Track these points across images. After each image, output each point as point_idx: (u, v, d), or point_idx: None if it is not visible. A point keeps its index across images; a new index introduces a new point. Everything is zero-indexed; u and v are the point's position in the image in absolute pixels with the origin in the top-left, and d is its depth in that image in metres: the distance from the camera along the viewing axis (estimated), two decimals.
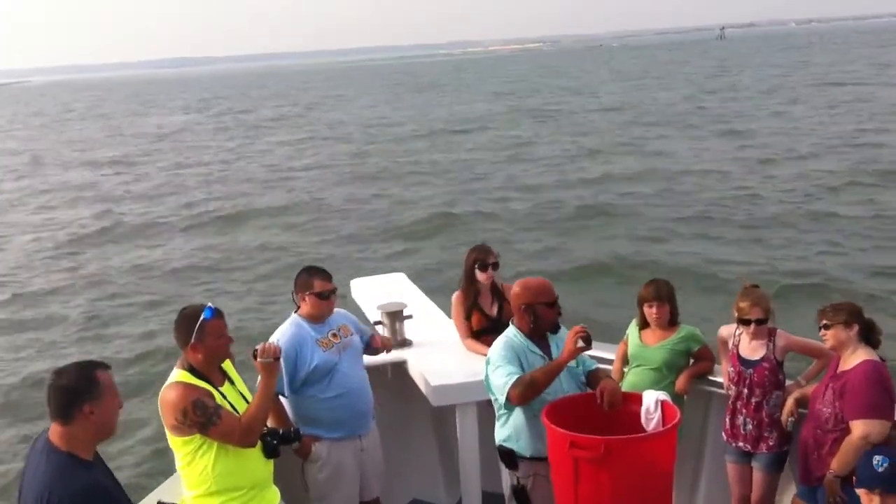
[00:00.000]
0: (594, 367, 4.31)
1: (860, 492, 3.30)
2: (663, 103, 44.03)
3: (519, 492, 4.16)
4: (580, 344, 3.97)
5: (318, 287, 4.47)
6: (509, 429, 4.15)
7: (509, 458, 4.16)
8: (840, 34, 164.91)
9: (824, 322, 4.14)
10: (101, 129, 53.56)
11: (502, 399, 4.06)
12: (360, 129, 42.58)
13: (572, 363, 4.12)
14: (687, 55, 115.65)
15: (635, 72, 79.91)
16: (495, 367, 4.09)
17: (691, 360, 4.89)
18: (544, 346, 4.18)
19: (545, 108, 46.44)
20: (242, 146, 38.23)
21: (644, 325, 4.92)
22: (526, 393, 3.99)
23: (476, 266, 5.21)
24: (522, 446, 4.12)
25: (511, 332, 4.21)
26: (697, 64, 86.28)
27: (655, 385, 4.52)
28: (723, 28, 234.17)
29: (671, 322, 4.87)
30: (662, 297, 4.80)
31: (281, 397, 4.44)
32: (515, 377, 4.01)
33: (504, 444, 4.19)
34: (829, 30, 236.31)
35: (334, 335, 4.53)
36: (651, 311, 4.82)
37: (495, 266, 5.21)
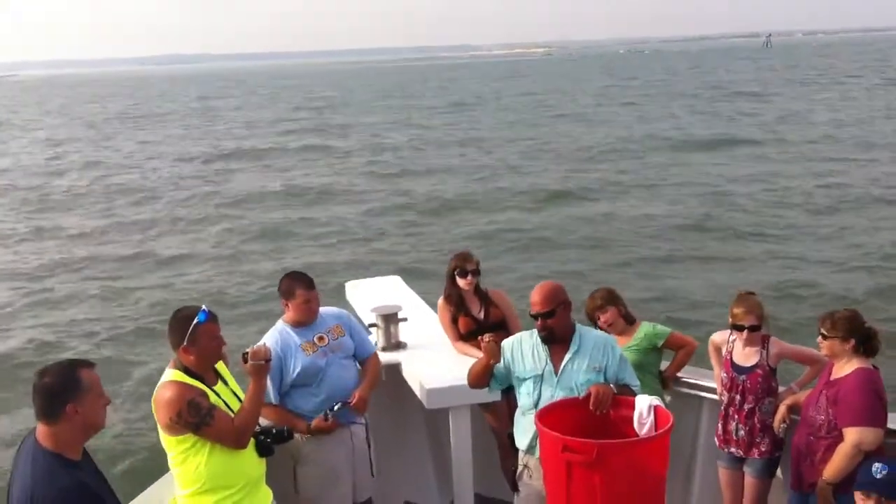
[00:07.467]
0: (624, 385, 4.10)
1: (857, 495, 3.33)
2: None
3: (510, 475, 4.30)
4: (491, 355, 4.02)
5: (300, 297, 4.45)
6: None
7: (511, 441, 4.31)
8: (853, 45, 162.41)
9: (822, 332, 4.13)
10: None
11: None
12: None
13: (578, 382, 4.00)
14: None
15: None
16: None
17: (662, 354, 4.92)
18: (555, 351, 4.06)
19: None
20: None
21: None
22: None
23: (456, 272, 5.27)
24: (515, 433, 4.25)
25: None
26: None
27: None
28: (769, 35, 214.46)
29: (627, 322, 4.90)
30: (605, 303, 4.87)
31: None
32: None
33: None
34: (836, 41, 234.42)
35: (320, 338, 4.51)
36: (602, 322, 4.87)
37: (475, 273, 5.26)
